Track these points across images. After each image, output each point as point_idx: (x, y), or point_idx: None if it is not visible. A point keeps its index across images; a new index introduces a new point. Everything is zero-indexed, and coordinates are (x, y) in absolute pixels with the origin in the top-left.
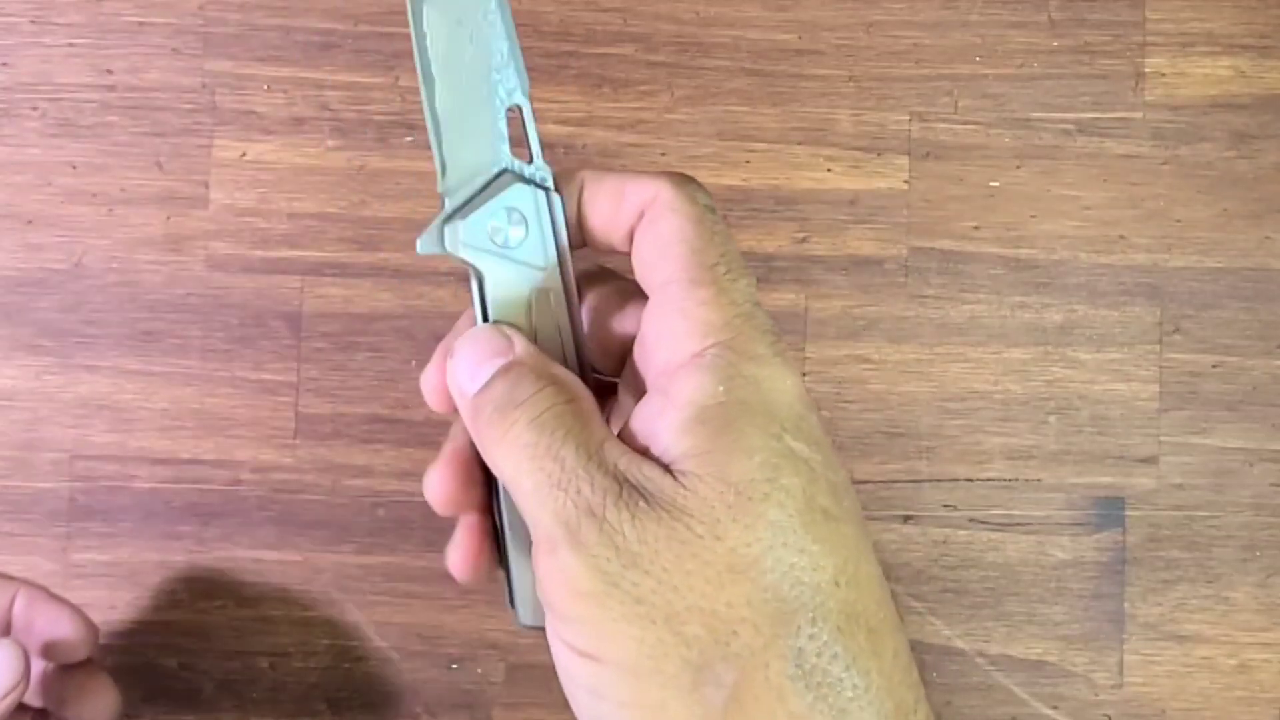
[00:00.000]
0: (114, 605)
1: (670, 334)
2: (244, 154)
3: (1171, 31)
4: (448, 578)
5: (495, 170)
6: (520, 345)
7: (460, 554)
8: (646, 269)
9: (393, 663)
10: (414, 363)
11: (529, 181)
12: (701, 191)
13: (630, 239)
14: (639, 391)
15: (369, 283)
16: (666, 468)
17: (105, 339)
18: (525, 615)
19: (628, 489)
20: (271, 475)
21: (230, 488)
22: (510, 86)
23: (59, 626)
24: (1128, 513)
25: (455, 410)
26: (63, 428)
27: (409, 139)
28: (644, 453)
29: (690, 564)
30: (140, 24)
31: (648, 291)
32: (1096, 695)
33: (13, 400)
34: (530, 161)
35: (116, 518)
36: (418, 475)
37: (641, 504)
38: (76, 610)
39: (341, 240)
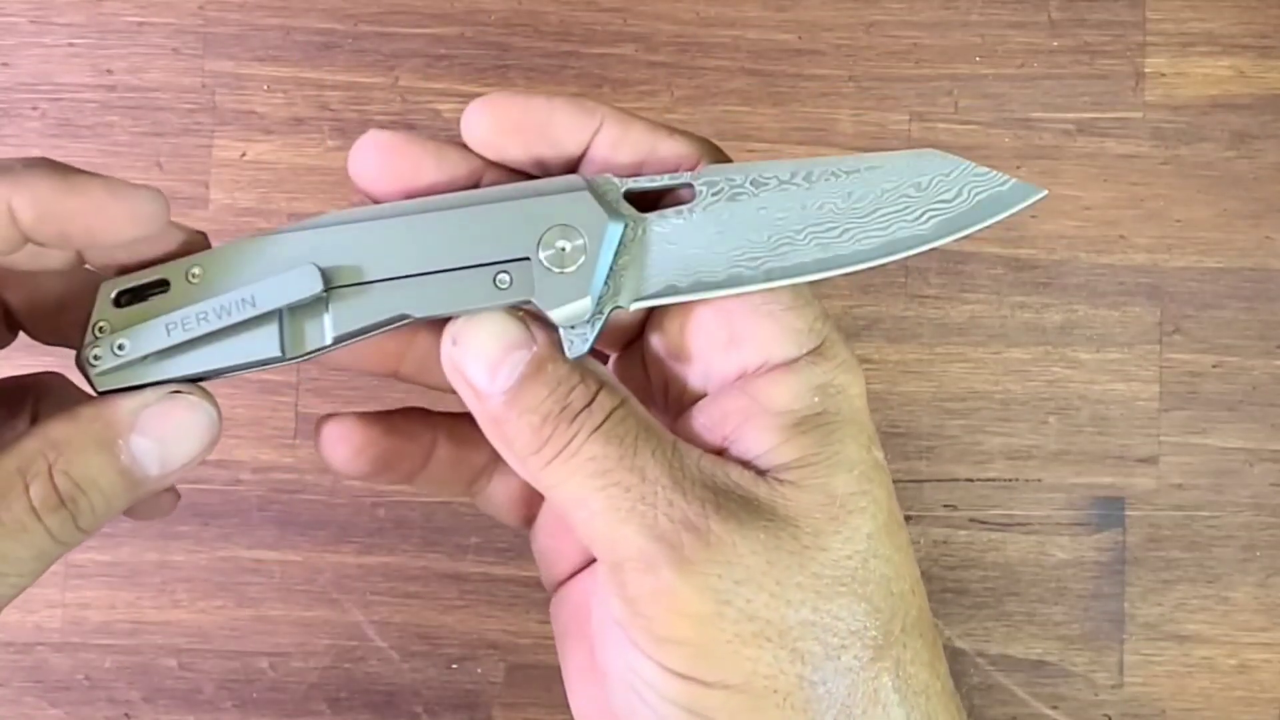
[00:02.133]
0: (114, 605)
1: (753, 336)
2: (244, 154)
3: (1171, 31)
4: (448, 577)
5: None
6: (540, 335)
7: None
8: None
9: (393, 663)
10: None
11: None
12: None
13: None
14: (651, 365)
15: None
16: (760, 473)
17: None
18: None
19: (724, 496)
20: (271, 475)
21: (230, 488)
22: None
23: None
24: (1128, 513)
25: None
26: None
27: None
28: (727, 453)
29: (800, 576)
30: (140, 24)
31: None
32: (1096, 695)
33: None
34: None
35: (116, 518)
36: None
37: (744, 513)
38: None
39: None
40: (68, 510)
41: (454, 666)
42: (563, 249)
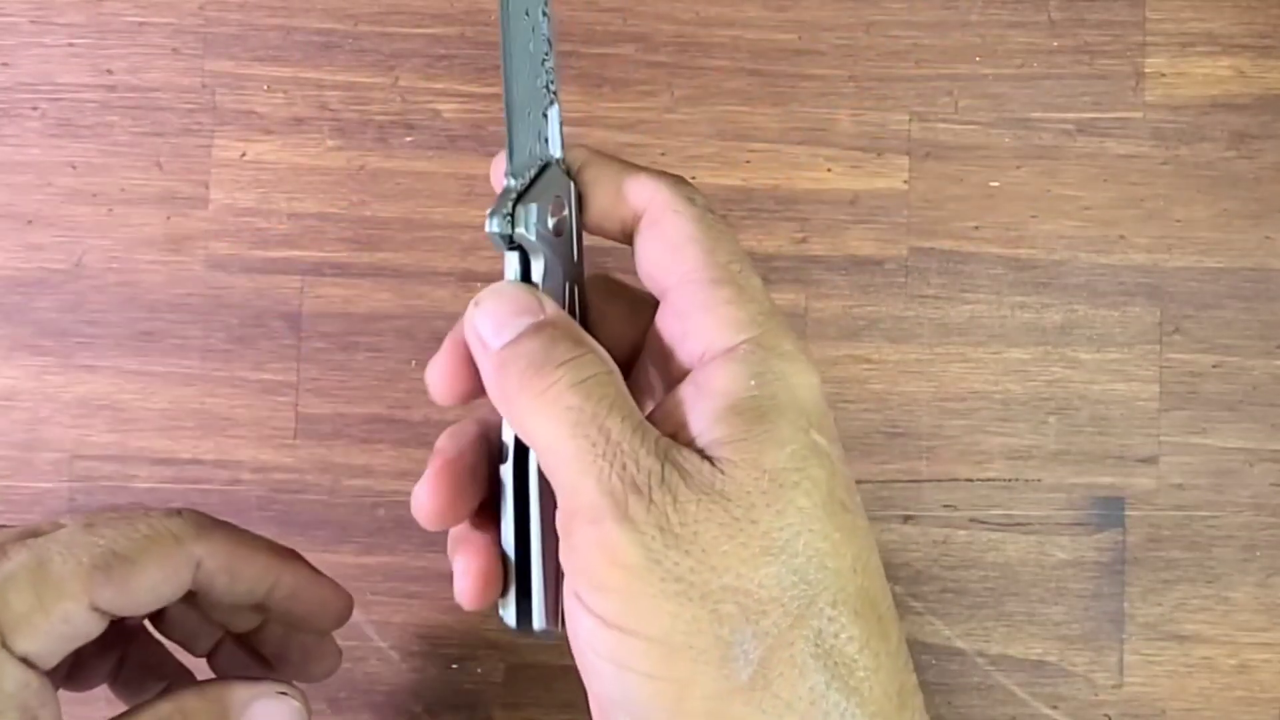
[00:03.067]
0: None
1: (696, 331)
2: (244, 154)
3: (1171, 31)
4: (448, 577)
5: (545, 160)
6: (551, 307)
7: (471, 581)
8: (656, 268)
9: (393, 663)
10: (414, 363)
11: (567, 172)
12: (698, 193)
13: (624, 233)
14: (643, 392)
15: (369, 283)
16: (701, 452)
17: (105, 339)
18: (540, 619)
19: (669, 469)
20: (271, 475)
21: (230, 488)
22: (551, 79)
23: (321, 608)
24: (1128, 513)
25: (464, 400)
26: (63, 428)
27: (409, 139)
28: (674, 437)
29: (727, 545)
30: (140, 24)
31: (657, 292)
32: (1096, 695)
33: (13, 400)
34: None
35: None
36: (418, 475)
37: (683, 486)
38: (339, 589)
39: (341, 240)
40: None
41: (454, 666)
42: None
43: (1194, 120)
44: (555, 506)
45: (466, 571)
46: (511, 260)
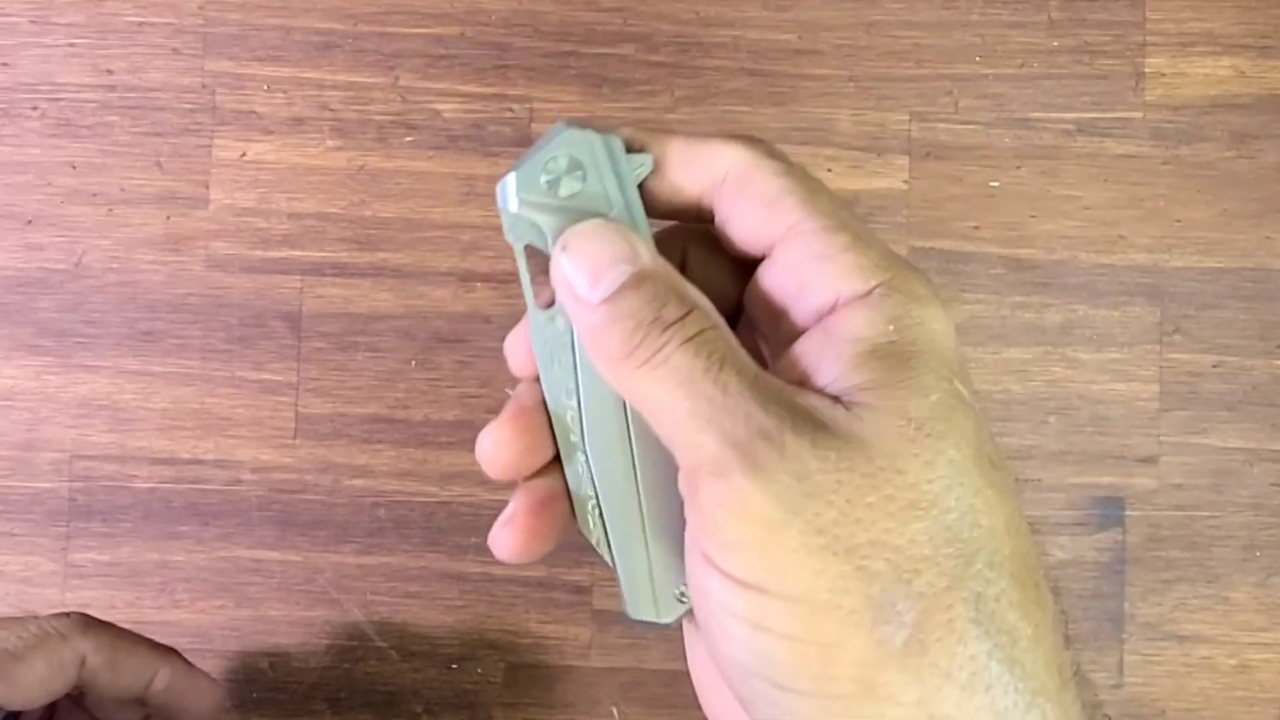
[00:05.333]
0: (114, 605)
1: (817, 282)
2: (244, 154)
3: (1171, 31)
4: (448, 577)
5: (554, 128)
6: (647, 254)
7: (516, 529)
8: (753, 229)
9: (393, 663)
10: (414, 363)
11: (584, 128)
12: (776, 149)
13: (701, 207)
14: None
15: (369, 283)
16: (835, 399)
17: (105, 339)
18: (634, 607)
19: (801, 416)
20: (271, 475)
21: (230, 488)
22: None
23: (198, 700)
24: (1128, 513)
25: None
26: (63, 428)
27: (409, 139)
28: (803, 384)
29: (872, 497)
30: (140, 24)
31: (755, 250)
32: (1096, 695)
33: (13, 400)
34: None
35: (116, 518)
36: (418, 475)
37: (820, 432)
38: (213, 682)
39: (341, 240)
40: None
41: (454, 666)
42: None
43: (1194, 120)
44: (660, 473)
45: (516, 519)
46: (521, 254)
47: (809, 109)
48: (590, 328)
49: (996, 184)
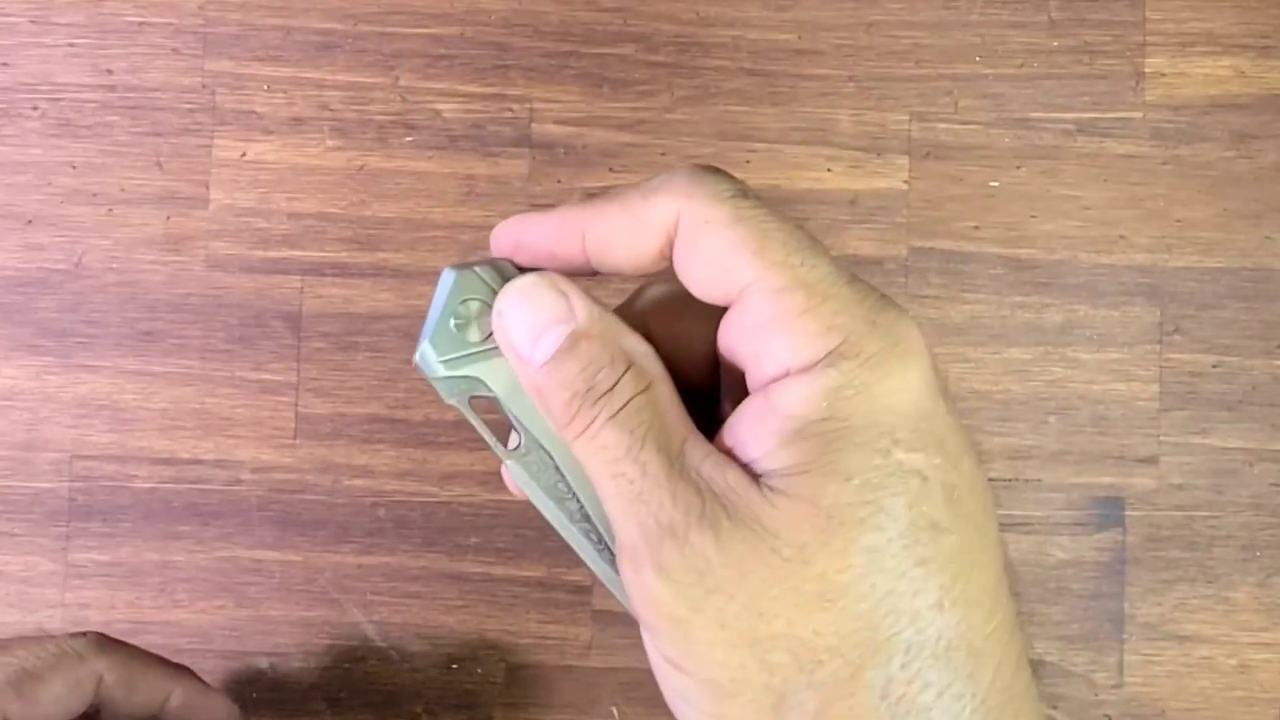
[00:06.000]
0: (114, 605)
1: (771, 350)
2: (244, 154)
3: (1171, 31)
4: (448, 577)
5: (441, 279)
6: (583, 310)
7: None
8: (709, 287)
9: (393, 663)
10: (414, 363)
11: (467, 265)
12: (724, 180)
13: (659, 262)
14: (726, 399)
15: (369, 283)
16: (755, 478)
17: (105, 339)
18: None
19: (711, 503)
20: (271, 475)
21: (230, 488)
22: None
23: (211, 718)
24: (1128, 513)
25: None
26: (63, 428)
27: (409, 139)
28: (732, 453)
29: (776, 589)
30: (140, 24)
31: (719, 301)
32: (1096, 695)
33: (13, 400)
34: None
35: (116, 518)
36: (418, 475)
37: (725, 522)
38: (227, 701)
39: (341, 240)
40: None
41: (454, 666)
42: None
43: (1194, 120)
44: None
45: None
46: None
47: (809, 109)
48: (535, 387)
49: (996, 184)
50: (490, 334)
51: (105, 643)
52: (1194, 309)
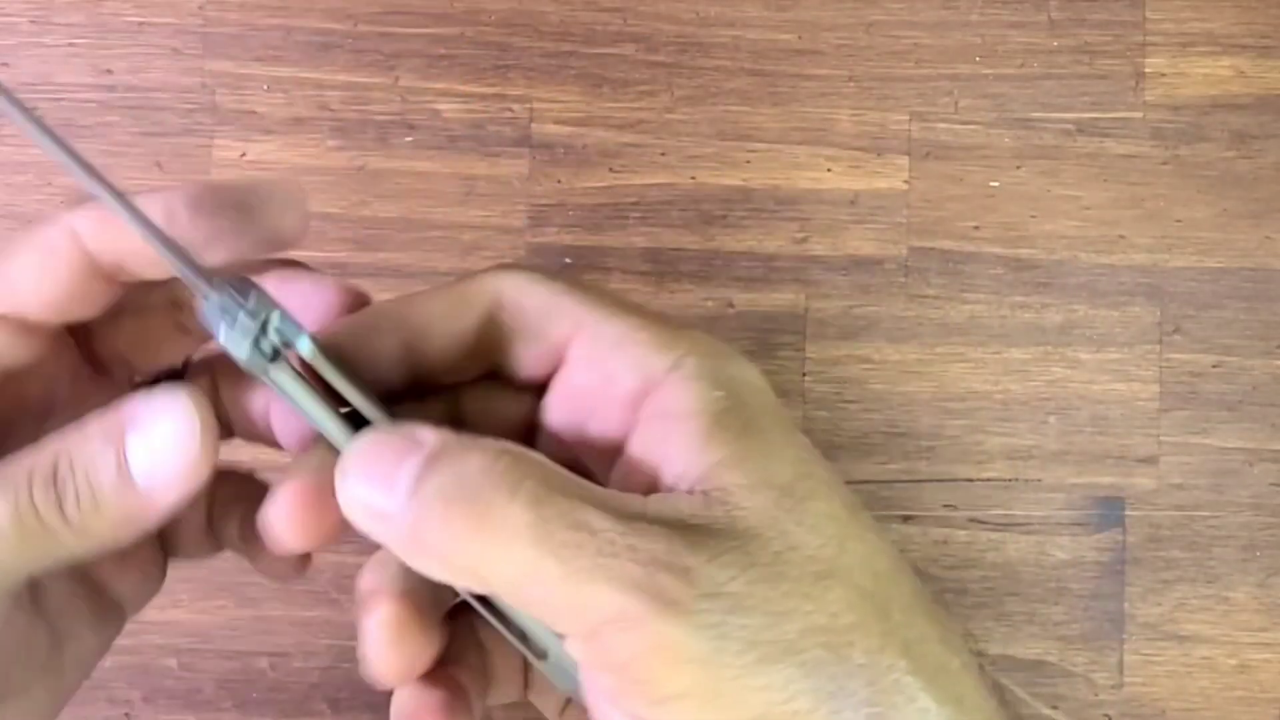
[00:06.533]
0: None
1: (622, 366)
2: (244, 154)
3: (1171, 31)
4: None
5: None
6: (426, 431)
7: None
8: (538, 347)
9: None
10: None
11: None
12: (521, 271)
13: (478, 355)
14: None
15: (369, 283)
16: (696, 493)
17: None
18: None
19: (684, 530)
20: (271, 475)
21: None
22: None
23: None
24: (1128, 513)
25: (320, 544)
26: None
27: (409, 139)
28: (656, 484)
29: (784, 584)
30: (140, 24)
31: (545, 369)
32: (1096, 695)
33: None
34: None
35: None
36: None
37: (709, 539)
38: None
39: (341, 240)
40: (55, 490)
41: None
42: None
43: (1194, 120)
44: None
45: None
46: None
47: (809, 109)
48: (405, 537)
49: (996, 184)
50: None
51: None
52: (1194, 309)
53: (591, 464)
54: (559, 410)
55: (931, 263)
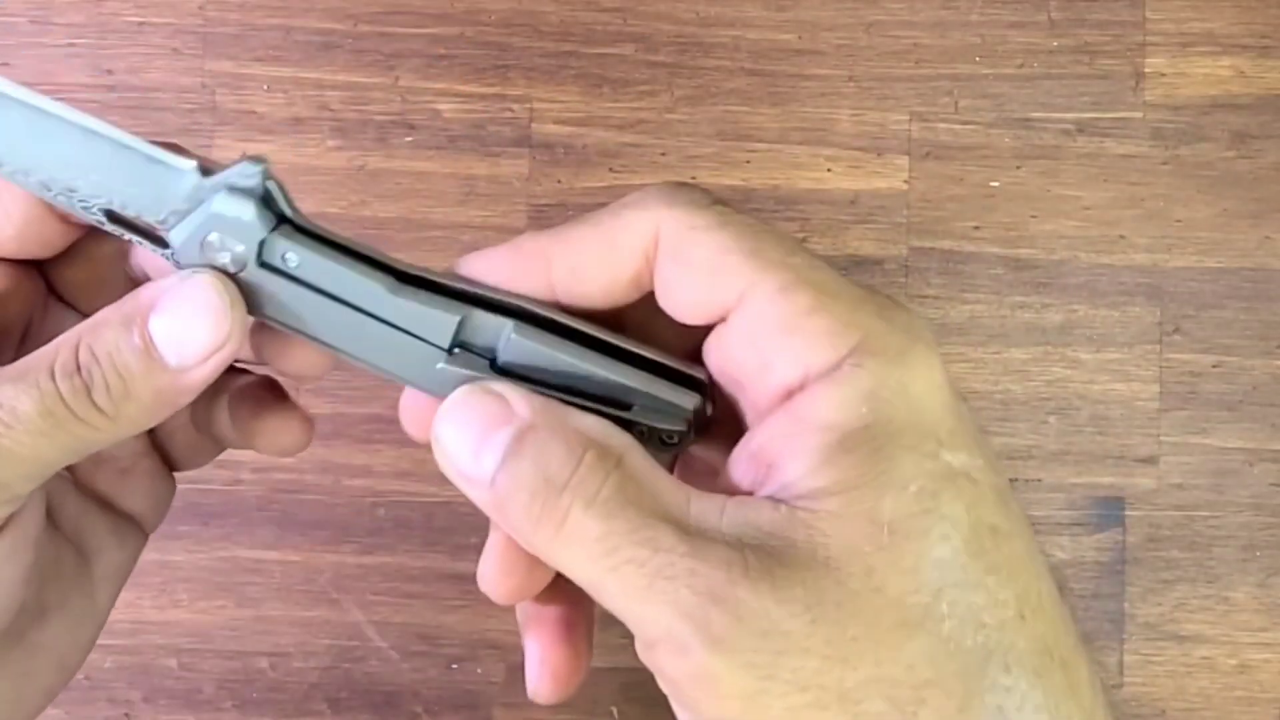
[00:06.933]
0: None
1: (783, 355)
2: (244, 154)
3: (1171, 31)
4: (448, 577)
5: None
6: (522, 404)
7: (549, 675)
8: (699, 300)
9: (393, 663)
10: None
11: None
12: (700, 191)
13: (633, 289)
14: (711, 440)
15: None
16: (789, 505)
17: None
18: None
19: (752, 553)
20: (271, 475)
21: (230, 488)
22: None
23: None
24: (1128, 513)
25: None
26: None
27: (409, 139)
28: (758, 485)
29: (854, 628)
30: (140, 24)
31: (708, 319)
32: None
33: None
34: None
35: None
36: (418, 475)
37: (778, 568)
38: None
39: None
40: (81, 379)
41: (454, 666)
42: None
43: (1194, 120)
44: None
45: (543, 662)
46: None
47: (809, 109)
48: (489, 510)
49: (996, 184)
50: (245, 265)
51: None
52: (1194, 309)
53: (744, 415)
54: (715, 363)
55: (931, 263)
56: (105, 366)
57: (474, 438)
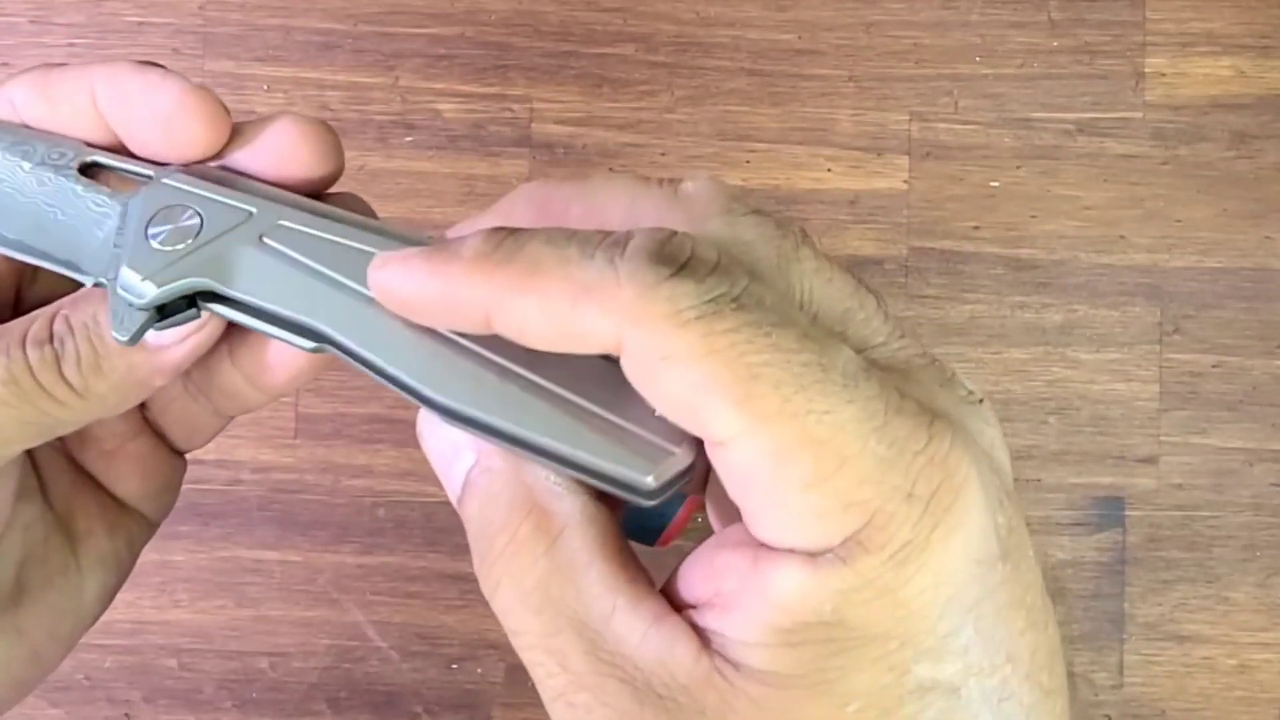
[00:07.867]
0: (114, 605)
1: (766, 521)
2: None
3: (1171, 31)
4: (448, 578)
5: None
6: (485, 445)
7: None
8: (675, 419)
9: (393, 663)
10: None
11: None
12: (688, 282)
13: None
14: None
15: None
16: (713, 662)
17: None
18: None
19: (650, 705)
20: (271, 475)
21: (230, 488)
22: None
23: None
24: (1128, 513)
25: None
26: None
27: (409, 139)
28: (703, 600)
29: None
30: (140, 24)
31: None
32: (1096, 695)
33: None
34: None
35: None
36: (418, 475)
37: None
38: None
39: None
40: (52, 348)
41: (454, 666)
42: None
43: (1194, 120)
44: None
45: None
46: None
47: (809, 109)
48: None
49: (996, 184)
50: (196, 235)
51: None
52: (1194, 309)
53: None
54: (708, 500)
55: (931, 263)
56: (79, 339)
57: (443, 455)
